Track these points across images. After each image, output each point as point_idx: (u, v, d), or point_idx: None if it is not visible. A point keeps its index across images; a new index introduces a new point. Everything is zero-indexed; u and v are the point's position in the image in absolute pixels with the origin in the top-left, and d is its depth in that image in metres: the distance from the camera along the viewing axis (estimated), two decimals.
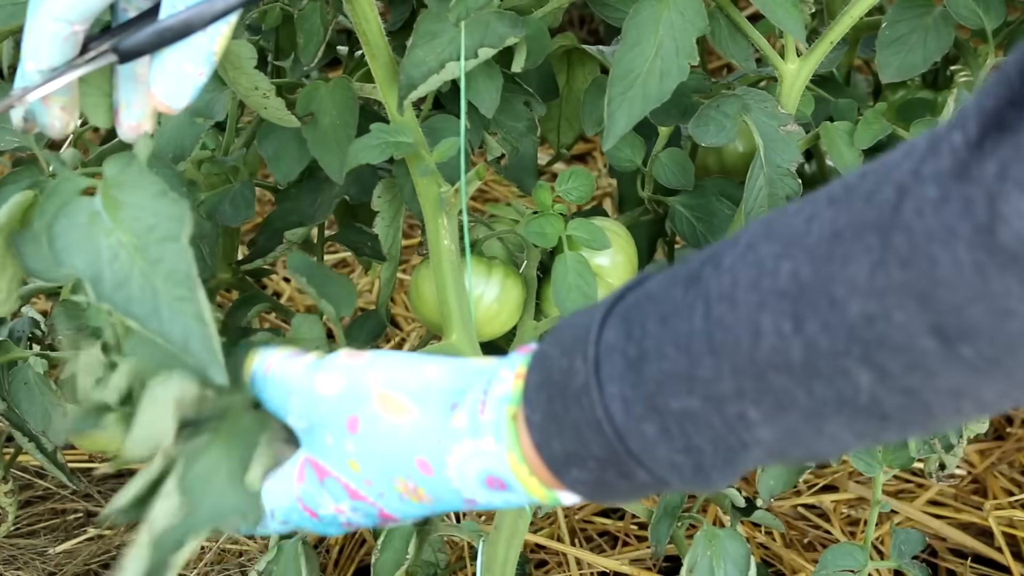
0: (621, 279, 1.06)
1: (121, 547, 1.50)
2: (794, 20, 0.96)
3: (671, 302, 0.59)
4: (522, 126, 1.06)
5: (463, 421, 0.65)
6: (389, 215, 1.04)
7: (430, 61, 0.87)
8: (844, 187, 0.55)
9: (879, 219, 0.51)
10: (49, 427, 1.06)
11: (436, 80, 0.88)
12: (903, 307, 0.50)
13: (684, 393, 0.58)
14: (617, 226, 1.09)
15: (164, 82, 0.68)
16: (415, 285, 1.05)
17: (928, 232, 0.49)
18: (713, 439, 0.58)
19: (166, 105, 0.69)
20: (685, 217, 1.13)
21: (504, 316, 1.03)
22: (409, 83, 0.88)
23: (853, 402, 0.54)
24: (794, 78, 1.02)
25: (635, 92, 0.90)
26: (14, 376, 1.05)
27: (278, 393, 0.70)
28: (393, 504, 0.69)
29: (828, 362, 0.53)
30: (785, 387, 0.55)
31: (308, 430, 0.70)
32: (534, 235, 0.99)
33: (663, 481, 0.60)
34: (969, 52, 1.17)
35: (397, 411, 0.67)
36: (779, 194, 1.01)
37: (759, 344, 0.55)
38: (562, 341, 0.63)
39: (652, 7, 0.90)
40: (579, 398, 0.60)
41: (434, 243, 0.95)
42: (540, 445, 0.63)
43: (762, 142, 0.99)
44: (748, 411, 0.57)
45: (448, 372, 0.68)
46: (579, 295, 0.97)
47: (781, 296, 0.54)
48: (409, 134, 0.90)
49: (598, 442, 0.60)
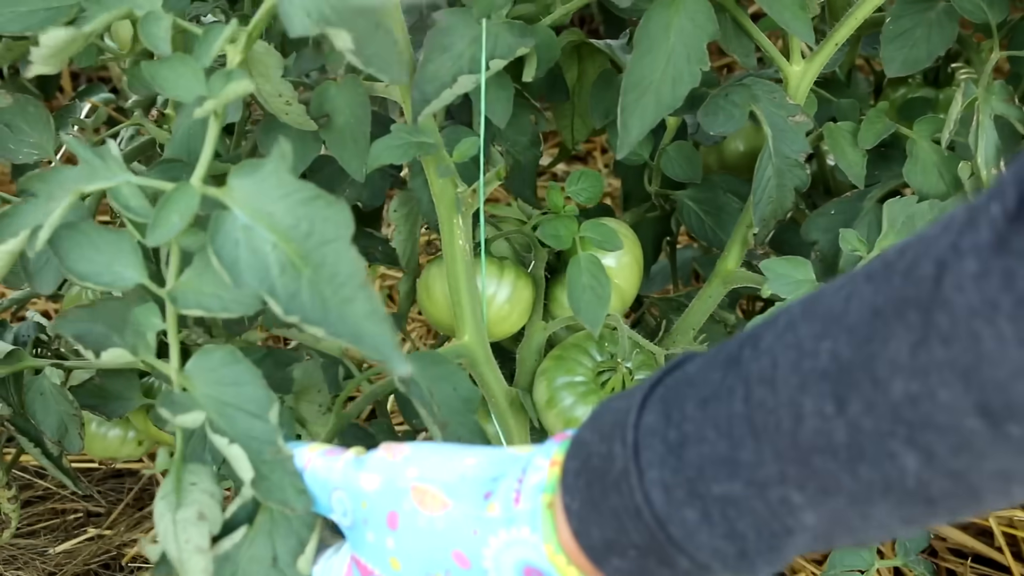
0: (628, 280, 1.06)
1: (121, 547, 1.50)
2: (801, 22, 0.96)
3: (710, 385, 0.58)
4: (526, 139, 1.07)
5: (497, 511, 0.64)
6: (406, 228, 1.04)
7: (443, 75, 0.86)
8: (882, 263, 0.54)
9: (919, 295, 0.50)
10: (65, 437, 1.05)
11: (449, 94, 0.87)
12: (947, 385, 0.49)
13: (726, 478, 0.57)
14: (624, 227, 1.09)
15: None
16: (425, 285, 1.05)
17: (970, 307, 0.48)
18: (756, 525, 0.57)
19: None
20: (693, 211, 1.13)
21: (515, 316, 1.03)
22: (423, 98, 0.87)
23: (900, 486, 0.53)
24: (799, 79, 1.02)
25: (648, 99, 0.90)
26: (30, 386, 1.04)
27: (320, 490, 0.71)
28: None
29: (873, 444, 0.52)
30: (829, 470, 0.54)
31: (352, 527, 0.70)
32: (549, 237, 0.99)
33: (706, 568, 0.59)
34: (972, 48, 1.17)
35: (433, 504, 0.66)
36: (787, 185, 1.01)
37: (801, 427, 0.54)
38: (600, 426, 0.62)
39: (663, 14, 0.91)
40: (618, 484, 0.59)
41: (448, 243, 0.95)
42: (579, 533, 0.62)
43: (771, 132, 0.99)
44: (792, 495, 0.56)
45: (484, 461, 0.67)
46: (593, 296, 0.97)
47: (822, 377, 0.53)
48: (430, 135, 0.90)
49: (638, 529, 0.59)
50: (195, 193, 0.67)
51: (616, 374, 1.01)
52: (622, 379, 1.00)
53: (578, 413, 1.00)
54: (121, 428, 1.22)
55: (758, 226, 1.02)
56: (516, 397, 1.05)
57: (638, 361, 1.03)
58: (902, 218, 1.00)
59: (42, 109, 0.98)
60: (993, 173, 1.03)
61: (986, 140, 1.02)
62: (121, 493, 1.59)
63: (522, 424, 1.06)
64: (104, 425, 1.21)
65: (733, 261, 1.07)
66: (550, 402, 1.01)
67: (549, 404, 1.01)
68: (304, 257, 0.63)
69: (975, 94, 1.03)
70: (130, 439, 1.22)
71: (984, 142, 1.02)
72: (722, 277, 1.08)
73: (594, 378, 1.01)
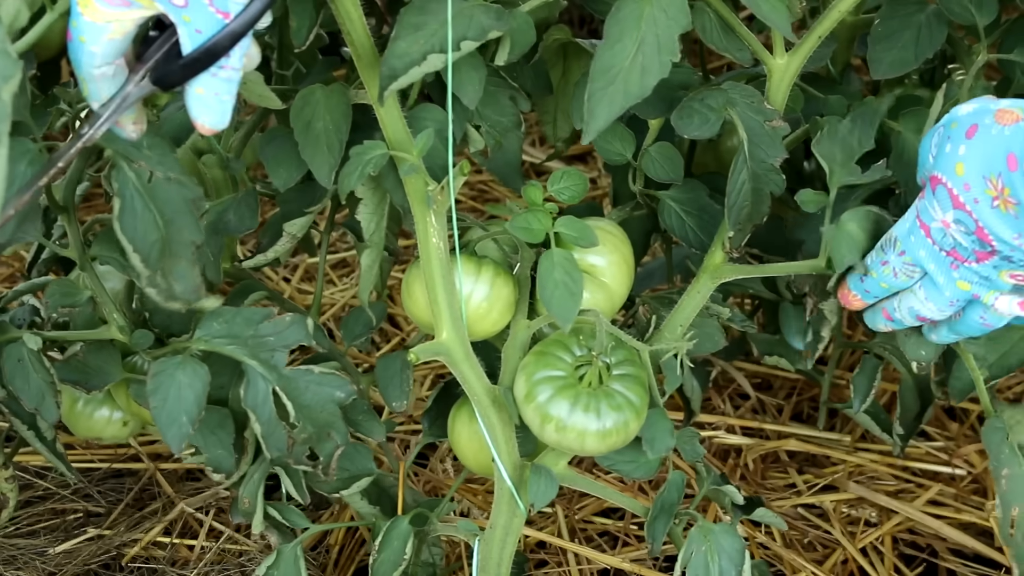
0: (616, 279, 1.06)
1: (121, 547, 1.50)
2: (779, 14, 0.95)
3: None
4: (507, 120, 1.06)
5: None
6: (373, 202, 1.04)
7: (412, 53, 0.87)
8: None
9: None
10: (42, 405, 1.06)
11: (418, 72, 0.88)
12: None
13: None
14: (612, 226, 1.09)
15: (205, 113, 0.80)
16: (407, 285, 1.05)
17: None
18: None
19: (210, 129, 0.81)
20: (675, 211, 1.13)
21: (494, 315, 1.03)
22: (391, 74, 0.88)
23: None
24: (783, 73, 1.02)
25: (616, 88, 0.89)
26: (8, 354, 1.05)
27: None
28: (985, 214, 0.85)
29: None
30: None
31: (939, 151, 0.89)
32: (520, 230, 0.99)
33: None
34: (963, 50, 1.16)
35: (1008, 118, 0.85)
36: (763, 190, 1.01)
37: None
38: None
39: (634, 3, 0.90)
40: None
41: (423, 241, 0.95)
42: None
43: (746, 136, 0.99)
44: None
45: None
46: (565, 292, 0.96)
47: None
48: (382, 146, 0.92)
49: None
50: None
51: (592, 367, 1.00)
52: (598, 372, 1.00)
53: (554, 407, 1.00)
54: (107, 408, 1.23)
55: (732, 230, 1.02)
56: (499, 395, 1.05)
57: (621, 357, 1.02)
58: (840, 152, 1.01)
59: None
60: None
61: None
62: (121, 493, 1.59)
63: (506, 422, 1.06)
64: (90, 404, 1.22)
65: (720, 256, 1.06)
66: (528, 396, 1.01)
67: (527, 398, 1.01)
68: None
69: (957, 95, 1.02)
70: (115, 419, 1.23)
71: None
72: (710, 272, 1.07)
73: (572, 372, 1.01)
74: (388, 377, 1.14)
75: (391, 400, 1.14)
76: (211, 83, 0.79)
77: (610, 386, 1.01)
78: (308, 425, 1.03)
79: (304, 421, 1.03)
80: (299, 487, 1.12)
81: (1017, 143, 0.83)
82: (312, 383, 1.02)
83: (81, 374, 1.09)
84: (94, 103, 0.83)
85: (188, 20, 0.77)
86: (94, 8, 0.77)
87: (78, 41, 0.79)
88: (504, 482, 1.08)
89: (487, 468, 1.11)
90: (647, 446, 1.03)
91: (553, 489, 1.07)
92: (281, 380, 1.01)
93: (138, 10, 0.78)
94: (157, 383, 1.01)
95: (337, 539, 1.51)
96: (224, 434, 1.09)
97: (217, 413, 1.09)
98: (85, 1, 0.77)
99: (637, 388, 1.01)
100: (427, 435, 1.24)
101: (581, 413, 1.00)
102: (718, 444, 1.64)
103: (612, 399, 1.00)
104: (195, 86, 0.79)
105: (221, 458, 1.09)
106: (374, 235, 1.07)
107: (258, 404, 1.03)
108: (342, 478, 1.13)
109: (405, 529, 1.14)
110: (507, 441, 1.07)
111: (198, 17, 0.77)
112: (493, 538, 1.12)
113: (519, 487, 1.08)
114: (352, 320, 1.20)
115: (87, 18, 0.77)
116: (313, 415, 1.03)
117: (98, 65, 0.80)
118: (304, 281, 1.94)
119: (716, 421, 1.66)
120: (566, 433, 1.00)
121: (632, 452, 1.04)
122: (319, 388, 1.02)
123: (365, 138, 0.95)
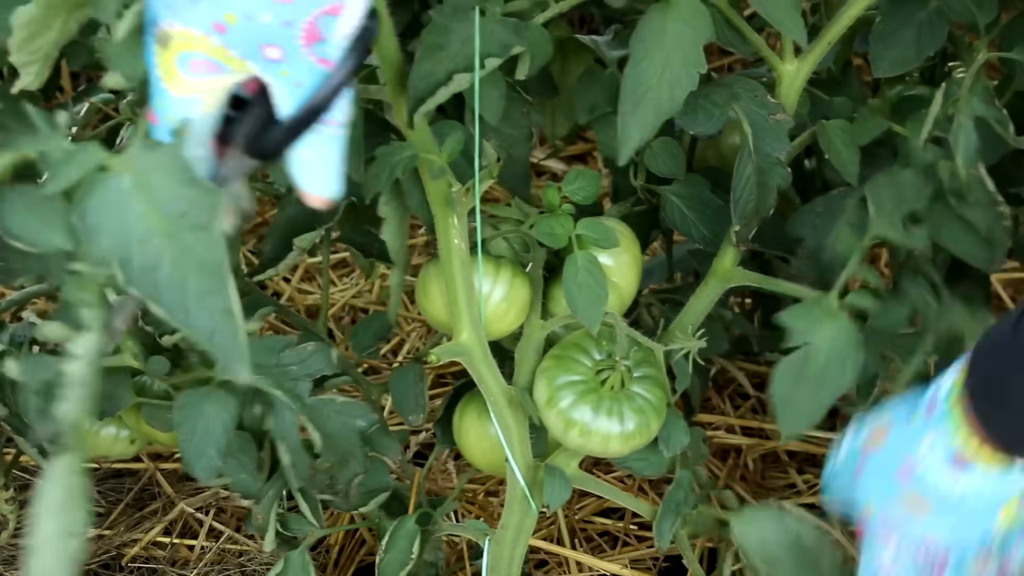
0: (626, 279, 1.06)
1: (121, 547, 1.50)
2: (794, 21, 0.96)
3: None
4: (519, 133, 1.06)
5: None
6: (396, 221, 1.04)
7: (437, 73, 0.87)
8: None
9: None
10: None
11: (444, 92, 0.88)
12: None
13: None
14: (622, 225, 1.09)
15: (315, 181, 0.71)
16: (423, 284, 1.05)
17: None
18: None
19: (323, 200, 0.72)
20: (677, 206, 1.13)
21: (512, 315, 1.03)
22: (417, 96, 0.88)
23: None
24: (792, 78, 1.02)
25: (646, 105, 0.91)
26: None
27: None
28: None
29: None
30: None
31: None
32: (544, 235, 0.99)
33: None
34: (964, 48, 1.17)
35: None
36: (769, 183, 1.01)
37: None
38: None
39: (658, 20, 0.91)
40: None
41: (444, 242, 0.95)
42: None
43: (751, 131, 0.99)
44: None
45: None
46: (590, 294, 0.97)
47: None
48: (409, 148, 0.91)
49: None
50: (98, 153, 0.66)
51: (615, 372, 1.01)
52: (620, 377, 1.01)
53: (577, 412, 1.01)
54: (114, 427, 1.22)
55: (739, 224, 1.02)
56: (515, 395, 1.05)
57: (637, 358, 1.03)
58: (889, 200, 1.00)
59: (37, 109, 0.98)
60: (972, 173, 1.03)
61: (965, 140, 1.02)
62: (121, 493, 1.59)
63: (521, 422, 1.06)
64: (96, 424, 1.21)
65: (729, 260, 1.07)
66: (550, 401, 1.01)
67: (549, 403, 1.02)
68: (171, 236, 0.64)
69: (957, 94, 1.03)
70: (122, 438, 1.22)
71: (963, 142, 1.02)
72: (719, 276, 1.08)
73: (593, 377, 1.02)
74: (403, 390, 1.14)
75: (407, 414, 1.14)
76: (317, 143, 0.70)
77: (631, 388, 1.01)
78: (330, 454, 1.03)
79: (327, 450, 1.03)
80: (315, 510, 1.11)
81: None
82: (334, 412, 1.02)
83: (92, 399, 1.07)
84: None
85: (286, 74, 0.68)
86: (180, 81, 0.68)
87: (167, 123, 0.69)
88: (517, 482, 1.08)
89: (496, 467, 1.11)
90: (663, 444, 1.04)
91: (567, 490, 1.07)
92: (306, 410, 1.00)
93: (229, 75, 0.69)
94: (184, 416, 1.00)
95: (337, 539, 1.50)
96: (247, 458, 1.06)
97: (239, 437, 1.06)
98: (169, 75, 0.68)
99: (656, 389, 1.02)
100: (440, 443, 1.23)
101: (605, 417, 1.00)
102: (718, 444, 1.64)
103: (633, 401, 1.01)
104: (300, 149, 0.71)
105: (245, 483, 1.07)
106: (399, 254, 1.07)
107: (285, 434, 1.02)
108: (361, 494, 1.13)
109: (412, 529, 1.14)
110: (522, 442, 1.07)
111: (297, 69, 0.68)
112: (504, 538, 1.12)
113: (532, 487, 1.08)
114: (361, 330, 1.20)
115: (174, 94, 0.68)
116: (335, 444, 1.02)
117: (191, 149, 0.70)
118: (304, 281, 1.94)
119: (716, 421, 1.67)
120: (591, 437, 1.01)
121: (646, 450, 1.05)
122: (341, 417, 1.02)
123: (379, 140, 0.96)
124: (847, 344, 0.97)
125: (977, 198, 1.03)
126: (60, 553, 0.68)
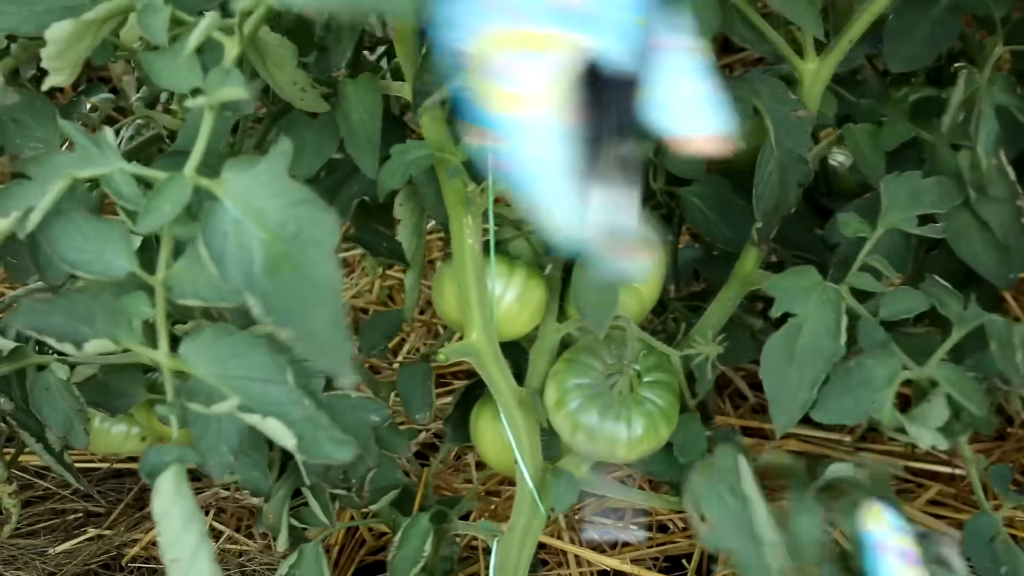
0: (648, 283, 1.06)
1: (121, 547, 1.49)
2: (812, 16, 0.95)
3: None
4: None
5: None
6: (412, 222, 1.04)
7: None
8: None
9: None
10: (71, 433, 1.05)
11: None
12: None
13: None
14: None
15: (693, 122, 0.61)
16: (438, 284, 1.05)
17: None
18: None
19: (716, 139, 0.61)
20: (698, 208, 1.13)
21: (525, 316, 1.03)
22: (423, 90, 0.87)
23: None
24: (814, 77, 1.01)
25: None
26: (35, 382, 1.03)
27: None
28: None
29: None
30: None
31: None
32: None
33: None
34: (974, 46, 1.17)
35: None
36: (790, 180, 1.01)
37: None
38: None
39: None
40: None
41: (457, 242, 0.94)
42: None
43: (773, 126, 0.98)
44: None
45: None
46: (599, 299, 0.97)
47: None
48: (425, 146, 0.90)
49: None
50: (187, 183, 0.66)
51: (623, 376, 1.01)
52: (629, 381, 1.00)
53: (584, 415, 1.00)
54: (125, 424, 1.21)
55: (761, 221, 1.02)
56: (525, 397, 1.04)
57: (650, 363, 1.02)
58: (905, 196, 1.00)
59: (48, 105, 0.98)
60: (993, 163, 1.03)
61: (986, 129, 1.02)
62: (121, 493, 1.58)
63: (531, 423, 1.06)
64: (107, 421, 1.21)
65: (751, 263, 1.06)
66: (559, 404, 1.01)
67: (558, 406, 1.01)
68: (288, 257, 0.63)
69: (977, 84, 1.02)
70: (133, 435, 1.22)
71: (984, 131, 1.02)
72: (740, 279, 1.07)
73: (603, 380, 1.01)
74: (410, 389, 1.13)
75: (414, 413, 1.13)
76: (671, 74, 0.61)
77: (640, 393, 1.01)
78: None
79: None
80: (326, 508, 1.11)
81: None
82: (349, 408, 1.01)
83: (103, 396, 1.06)
84: None
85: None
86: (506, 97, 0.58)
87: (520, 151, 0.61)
88: (526, 484, 1.08)
89: (510, 468, 1.11)
90: (678, 452, 1.03)
91: (574, 494, 1.07)
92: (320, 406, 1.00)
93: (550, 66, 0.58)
94: (196, 413, 0.99)
95: (337, 539, 1.50)
96: (258, 456, 1.06)
97: (251, 434, 1.06)
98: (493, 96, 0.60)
99: (667, 394, 1.01)
100: (450, 441, 1.23)
101: (612, 421, 1.00)
102: None
103: (642, 406, 1.00)
104: (658, 92, 0.61)
105: (257, 480, 1.06)
106: (415, 255, 1.06)
107: None
108: (372, 490, 1.13)
109: (425, 527, 1.14)
110: (531, 444, 1.07)
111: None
112: (512, 540, 1.11)
113: (540, 490, 1.08)
114: (370, 329, 1.19)
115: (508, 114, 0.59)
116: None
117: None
118: None
119: (716, 421, 1.67)
120: (597, 441, 1.00)
121: (663, 454, 1.04)
122: (355, 413, 1.01)
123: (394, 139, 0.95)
124: (835, 313, 0.94)
125: (997, 192, 1.02)
126: (207, 557, 0.68)
